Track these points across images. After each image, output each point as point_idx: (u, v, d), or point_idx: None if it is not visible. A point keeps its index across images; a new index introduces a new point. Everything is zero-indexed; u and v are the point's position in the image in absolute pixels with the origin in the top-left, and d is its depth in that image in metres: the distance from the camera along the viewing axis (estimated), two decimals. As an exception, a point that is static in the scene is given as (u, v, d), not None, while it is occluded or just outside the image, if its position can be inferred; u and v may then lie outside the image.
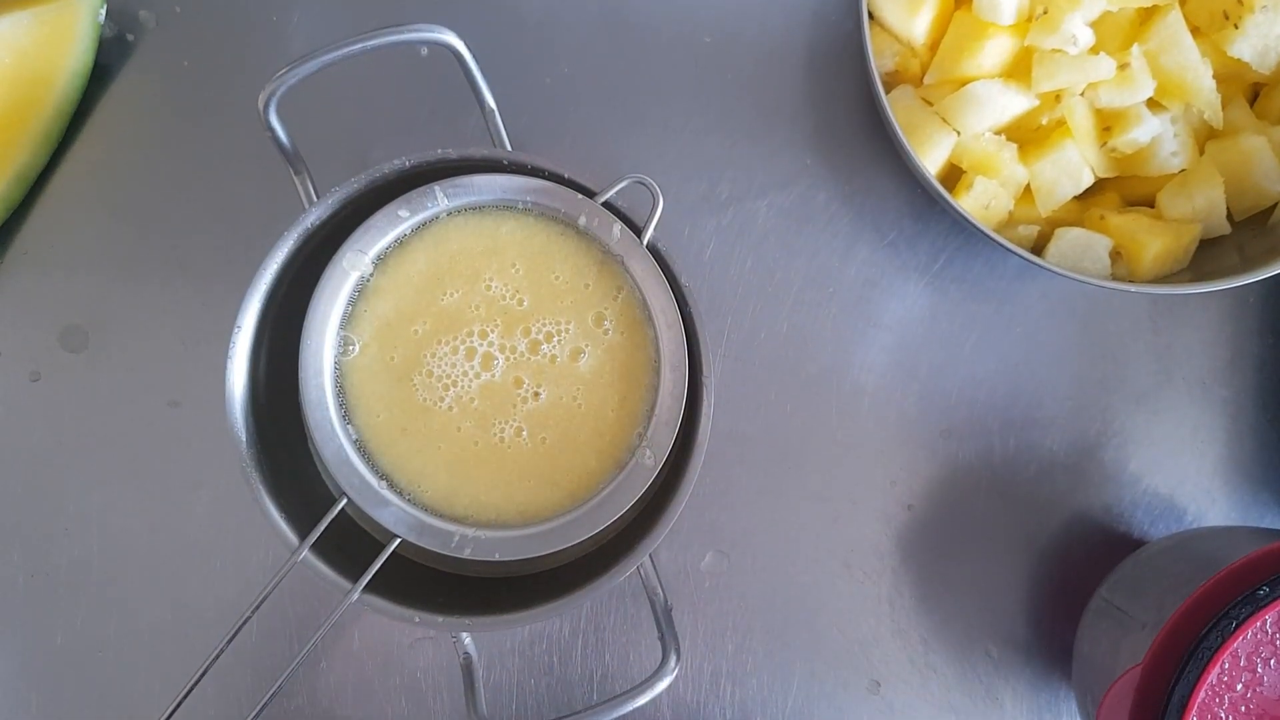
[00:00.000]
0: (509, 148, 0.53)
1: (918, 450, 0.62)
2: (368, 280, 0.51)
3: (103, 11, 0.60)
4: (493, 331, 0.51)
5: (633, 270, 0.50)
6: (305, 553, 0.49)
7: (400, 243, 0.51)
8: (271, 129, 0.50)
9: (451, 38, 0.50)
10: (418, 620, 0.51)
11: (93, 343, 0.61)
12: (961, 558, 0.62)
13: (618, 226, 0.50)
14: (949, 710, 0.62)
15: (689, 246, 0.62)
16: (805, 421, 0.62)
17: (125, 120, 0.62)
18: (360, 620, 0.60)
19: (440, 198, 0.50)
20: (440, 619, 0.51)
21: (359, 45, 0.48)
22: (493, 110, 0.53)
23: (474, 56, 0.51)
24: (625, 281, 0.51)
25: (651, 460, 0.49)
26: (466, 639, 0.53)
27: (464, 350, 0.51)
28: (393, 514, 0.49)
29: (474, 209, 0.51)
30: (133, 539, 0.60)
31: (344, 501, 0.49)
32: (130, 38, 0.62)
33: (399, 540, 0.49)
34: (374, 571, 0.49)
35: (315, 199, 0.52)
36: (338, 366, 0.51)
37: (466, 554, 0.49)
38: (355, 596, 0.48)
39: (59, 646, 0.59)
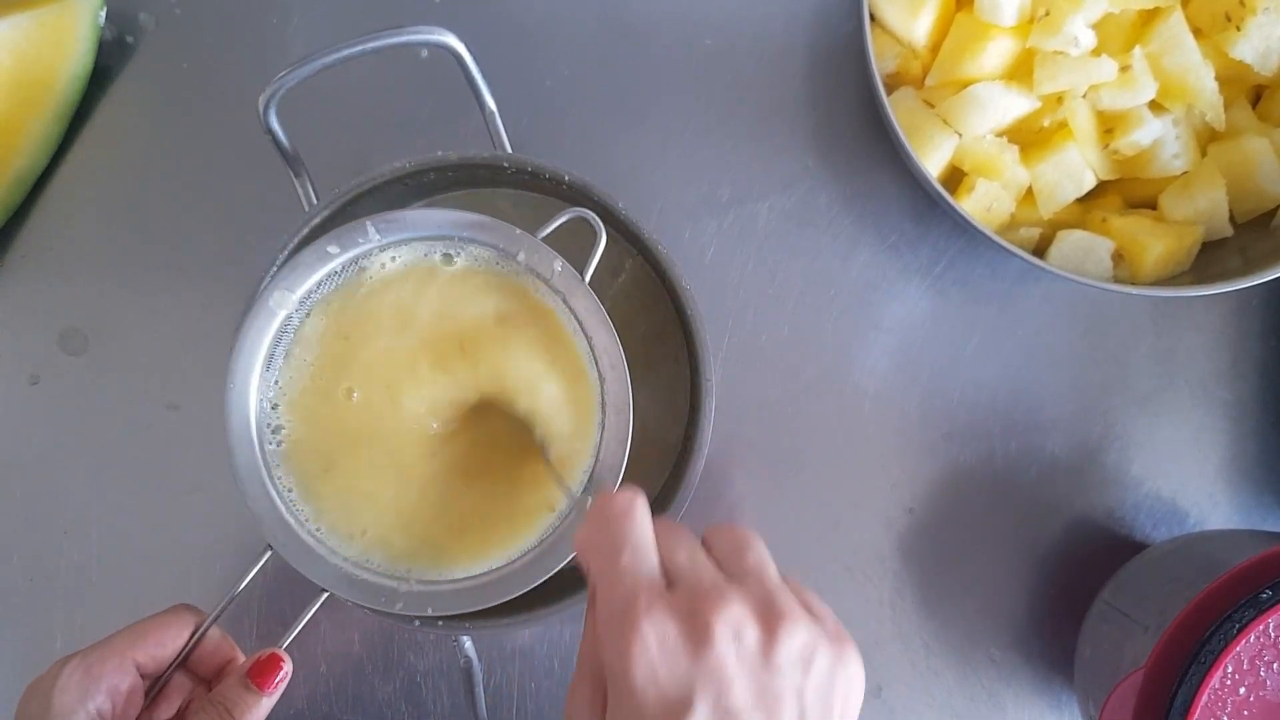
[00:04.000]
0: (509, 150, 0.53)
1: (919, 453, 0.62)
2: (300, 321, 0.49)
3: (102, 14, 0.60)
4: (430, 376, 0.49)
5: (575, 308, 0.48)
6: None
7: (336, 285, 0.49)
8: (271, 131, 0.50)
9: (451, 39, 0.50)
10: (417, 623, 0.50)
11: (92, 345, 0.61)
12: (963, 561, 0.62)
13: (558, 262, 0.48)
14: (951, 714, 0.62)
15: (690, 249, 0.62)
16: (806, 424, 0.62)
17: (125, 123, 0.62)
18: (360, 623, 0.60)
19: (372, 233, 0.48)
20: (440, 622, 0.51)
21: (359, 47, 0.48)
22: (493, 112, 0.53)
23: (474, 58, 0.51)
24: (567, 322, 0.49)
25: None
26: (467, 642, 0.52)
27: (399, 396, 0.49)
28: (319, 567, 0.47)
29: (407, 244, 0.49)
30: (132, 541, 0.60)
31: (270, 553, 0.48)
32: (130, 40, 0.62)
33: (327, 594, 0.48)
34: (300, 627, 0.48)
35: (315, 201, 0.52)
36: (273, 408, 0.49)
37: (398, 609, 0.47)
38: (289, 639, 0.47)
39: (58, 649, 0.59)
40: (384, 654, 0.60)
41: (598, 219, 0.48)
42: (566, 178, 0.51)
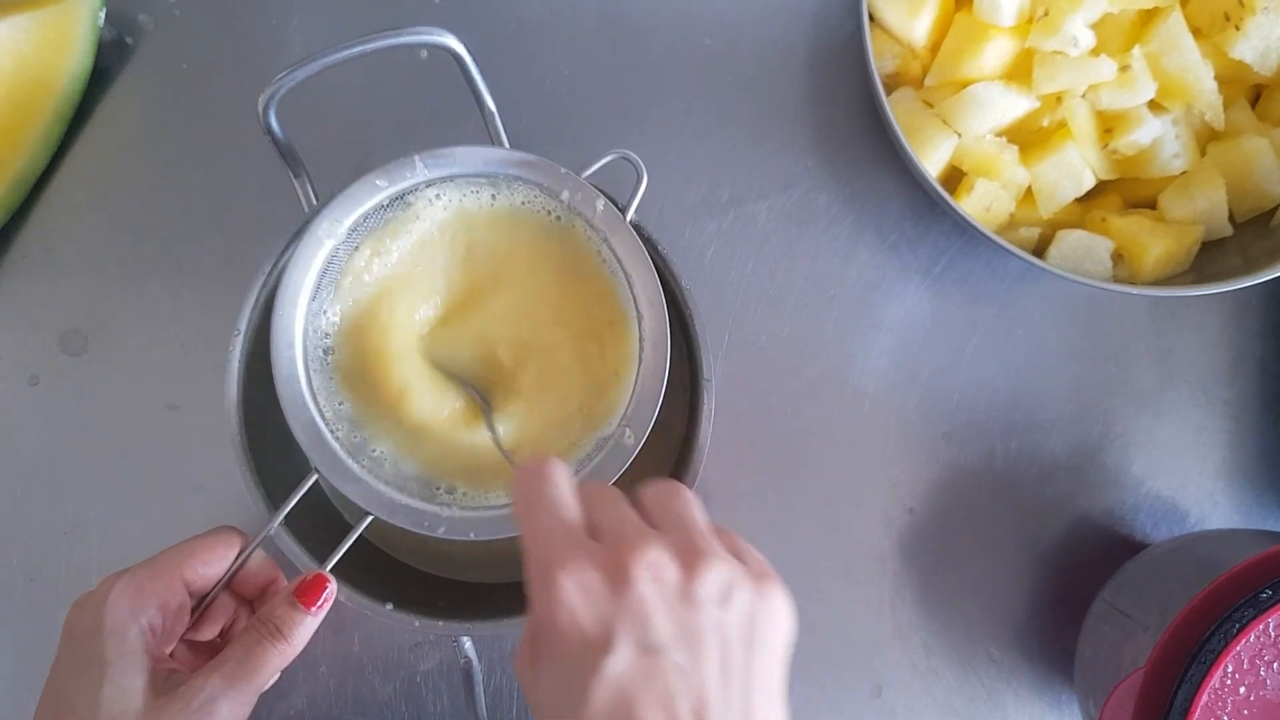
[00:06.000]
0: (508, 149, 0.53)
1: (919, 453, 0.62)
2: (348, 254, 0.50)
3: (102, 15, 0.60)
4: (473, 306, 0.51)
5: (615, 247, 0.49)
6: (279, 527, 0.49)
7: (383, 219, 0.51)
8: (271, 132, 0.50)
9: (451, 40, 0.50)
10: (418, 624, 0.51)
11: (92, 346, 0.61)
12: (963, 561, 0.62)
13: (601, 201, 0.49)
14: (951, 714, 0.62)
15: (690, 249, 0.62)
16: (806, 424, 0.62)
17: (124, 123, 0.62)
18: (360, 624, 0.60)
19: (419, 167, 0.49)
20: (440, 623, 0.51)
21: (359, 47, 0.48)
22: (492, 113, 0.53)
23: (474, 59, 0.51)
24: (608, 260, 0.50)
25: (632, 439, 0.49)
26: (466, 643, 0.52)
27: (443, 324, 0.51)
28: (363, 491, 0.48)
29: (451, 180, 0.50)
30: (132, 542, 0.60)
31: (315, 476, 0.49)
32: (129, 41, 0.62)
33: (371, 518, 0.49)
34: (347, 547, 0.49)
35: (315, 201, 0.52)
36: (322, 339, 0.50)
37: (440, 533, 0.48)
38: (335, 560, 0.48)
39: (58, 651, 0.59)
40: (384, 655, 0.60)
41: (639, 160, 0.49)
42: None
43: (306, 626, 0.46)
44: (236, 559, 0.47)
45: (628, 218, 0.49)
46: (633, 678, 0.34)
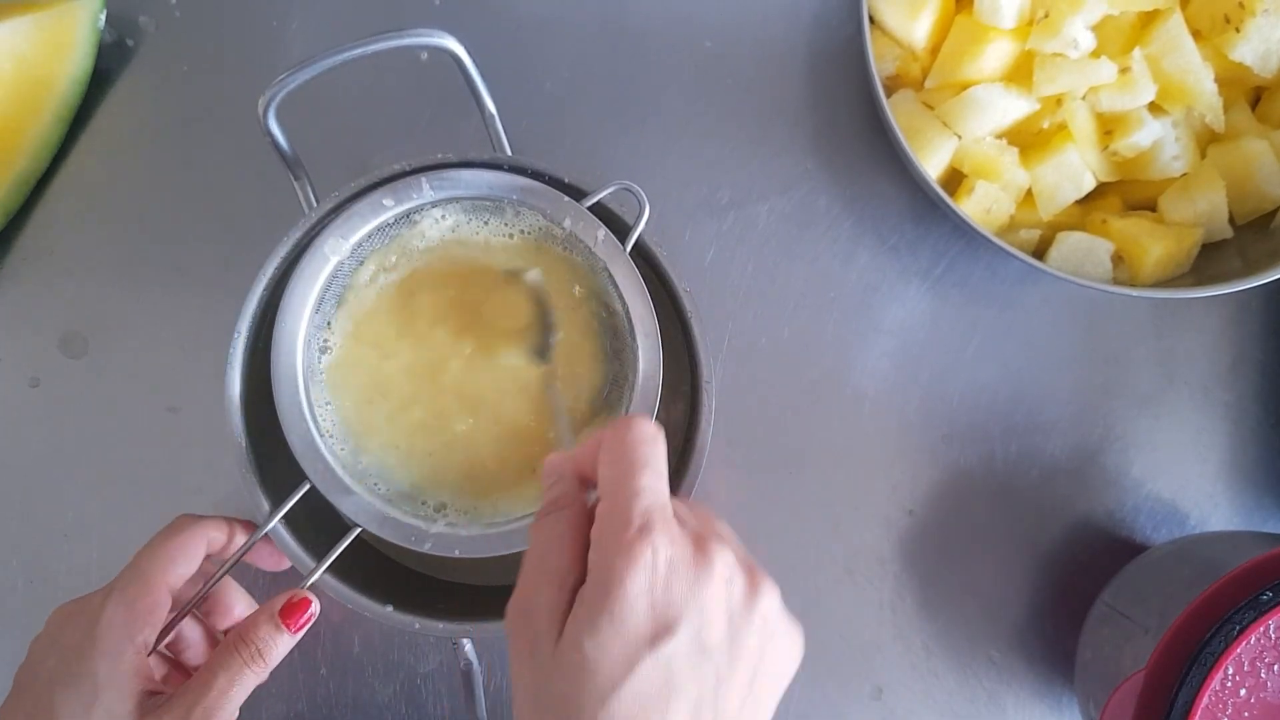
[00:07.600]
0: (509, 152, 0.53)
1: (919, 455, 0.62)
2: (352, 271, 0.51)
3: (102, 17, 0.60)
4: (469, 329, 0.51)
5: (615, 276, 0.50)
6: (277, 524, 0.49)
7: (389, 237, 0.51)
8: (271, 134, 0.50)
9: (451, 42, 0.50)
10: (418, 626, 0.51)
11: (92, 348, 0.61)
12: (963, 563, 0.62)
13: (602, 231, 0.50)
14: (951, 716, 0.62)
15: (689, 251, 0.62)
16: (806, 427, 0.62)
17: (125, 125, 0.62)
18: (360, 626, 0.60)
19: (426, 189, 0.50)
20: (440, 625, 0.51)
21: (359, 50, 0.48)
22: (493, 115, 0.53)
23: (474, 61, 0.51)
24: (607, 290, 0.51)
25: None
26: (467, 645, 0.52)
27: (440, 345, 0.51)
28: (355, 503, 0.49)
29: (456, 202, 0.51)
30: (132, 544, 0.59)
31: (307, 486, 0.49)
32: (130, 43, 0.62)
33: (360, 529, 0.49)
34: (336, 555, 0.49)
35: (315, 204, 0.52)
36: (322, 352, 0.50)
37: (427, 548, 0.49)
38: (316, 576, 0.49)
39: (58, 653, 0.59)
40: (384, 657, 0.60)
41: (641, 191, 0.49)
42: (566, 180, 0.51)
43: (285, 646, 0.47)
44: (228, 562, 0.48)
45: (627, 248, 0.50)
46: (681, 668, 0.34)
